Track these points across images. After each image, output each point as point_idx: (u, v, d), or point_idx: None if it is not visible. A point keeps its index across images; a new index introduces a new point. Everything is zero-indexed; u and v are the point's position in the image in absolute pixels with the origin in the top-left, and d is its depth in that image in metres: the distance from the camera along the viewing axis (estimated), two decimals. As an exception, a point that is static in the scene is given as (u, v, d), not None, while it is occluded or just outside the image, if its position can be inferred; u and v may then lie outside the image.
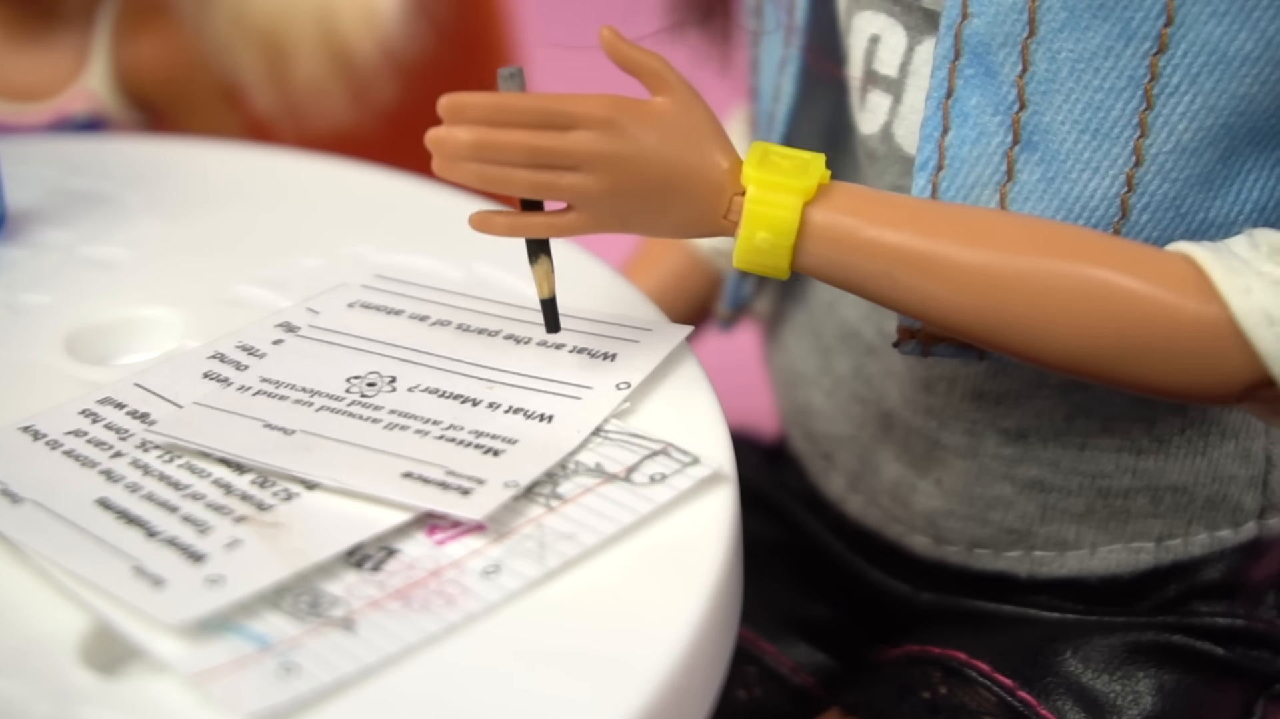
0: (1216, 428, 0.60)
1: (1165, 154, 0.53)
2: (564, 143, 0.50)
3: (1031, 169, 0.54)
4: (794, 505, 0.69)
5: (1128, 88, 0.53)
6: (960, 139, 0.55)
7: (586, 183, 0.50)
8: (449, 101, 0.50)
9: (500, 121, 0.50)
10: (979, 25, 0.54)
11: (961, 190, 0.55)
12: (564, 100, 0.50)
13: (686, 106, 0.52)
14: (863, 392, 0.64)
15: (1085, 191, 0.54)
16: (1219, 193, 0.54)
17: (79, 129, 0.84)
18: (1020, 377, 0.60)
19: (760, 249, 0.51)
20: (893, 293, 0.51)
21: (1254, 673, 0.62)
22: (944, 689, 0.60)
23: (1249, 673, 0.61)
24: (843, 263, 0.51)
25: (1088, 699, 0.59)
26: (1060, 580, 0.61)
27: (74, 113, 0.84)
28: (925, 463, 0.62)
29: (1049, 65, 0.53)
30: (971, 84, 0.54)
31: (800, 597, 0.68)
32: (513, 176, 0.50)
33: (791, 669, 0.66)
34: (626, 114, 0.50)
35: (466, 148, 0.50)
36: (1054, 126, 0.54)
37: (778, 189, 0.51)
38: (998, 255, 0.51)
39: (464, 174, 0.50)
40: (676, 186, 0.51)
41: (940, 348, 0.57)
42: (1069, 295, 0.50)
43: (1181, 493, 0.60)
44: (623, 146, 0.50)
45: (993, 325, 0.51)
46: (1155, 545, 0.61)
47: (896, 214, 0.51)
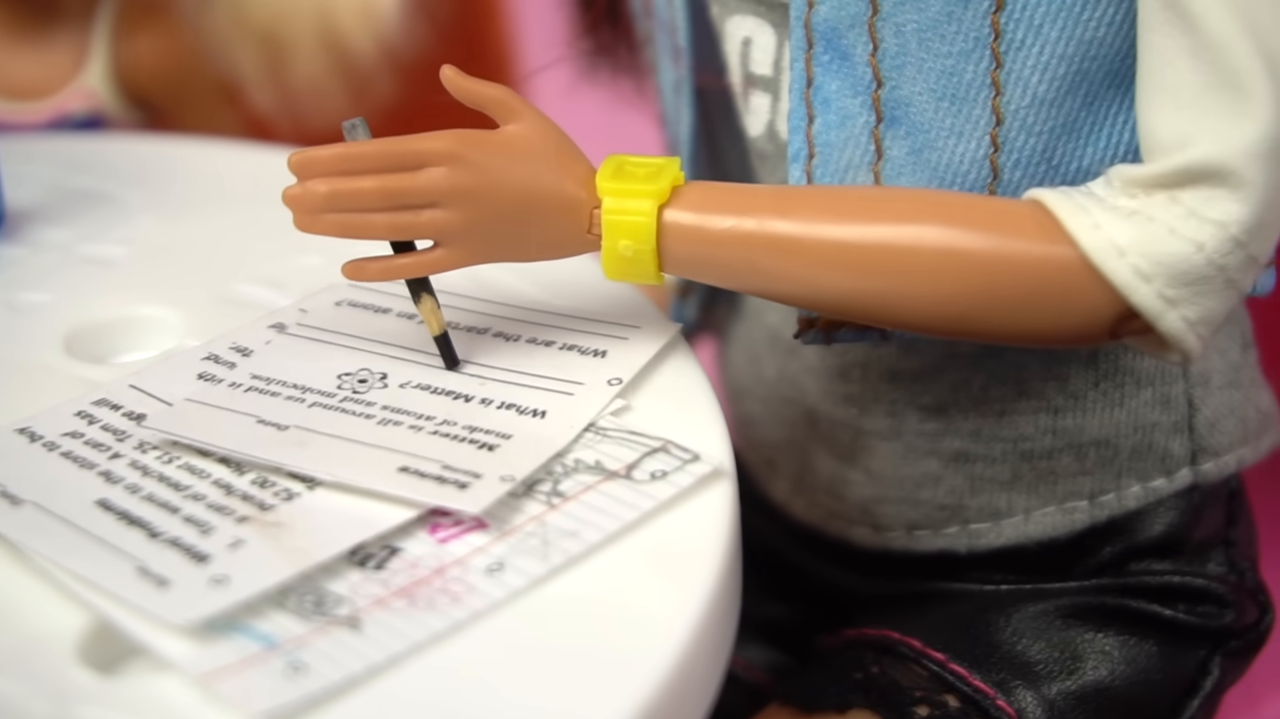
0: (1130, 377, 0.59)
1: (1024, 109, 0.53)
2: (415, 181, 0.51)
3: (899, 144, 0.55)
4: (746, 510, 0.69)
5: (975, 49, 0.53)
6: (826, 125, 0.55)
7: (445, 217, 0.51)
8: (299, 158, 0.52)
9: (351, 170, 0.51)
10: (825, 12, 0.54)
11: (835, 175, 0.55)
12: (410, 141, 0.51)
13: (537, 131, 0.52)
14: (789, 392, 0.64)
15: (954, 158, 0.54)
16: (1088, 140, 0.54)
17: (78, 127, 0.84)
18: (931, 352, 0.60)
19: (625, 257, 0.52)
20: (759, 280, 0.52)
21: (1203, 630, 0.61)
22: (876, 669, 0.60)
23: (1198, 631, 0.61)
24: (706, 258, 0.52)
25: (1022, 666, 0.59)
26: (1000, 551, 0.61)
27: (73, 111, 0.84)
28: (852, 453, 0.63)
29: (897, 39, 0.54)
30: (829, 70, 0.55)
31: (755, 596, 0.67)
32: (372, 221, 0.52)
33: (744, 667, 0.67)
34: (474, 146, 0.51)
35: (323, 200, 0.51)
36: (913, 98, 0.54)
37: (632, 195, 0.52)
38: (854, 227, 0.51)
39: (325, 226, 0.52)
40: (534, 209, 0.52)
41: (841, 333, 0.57)
42: (923, 258, 0.50)
43: (1105, 447, 0.60)
44: (474, 178, 0.51)
45: (862, 298, 0.51)
46: (1089, 503, 0.60)
47: (750, 201, 0.52)
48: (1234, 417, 0.61)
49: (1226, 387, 0.61)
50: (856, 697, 0.59)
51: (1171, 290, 0.49)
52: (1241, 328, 0.62)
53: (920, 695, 0.59)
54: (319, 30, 0.85)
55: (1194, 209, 0.49)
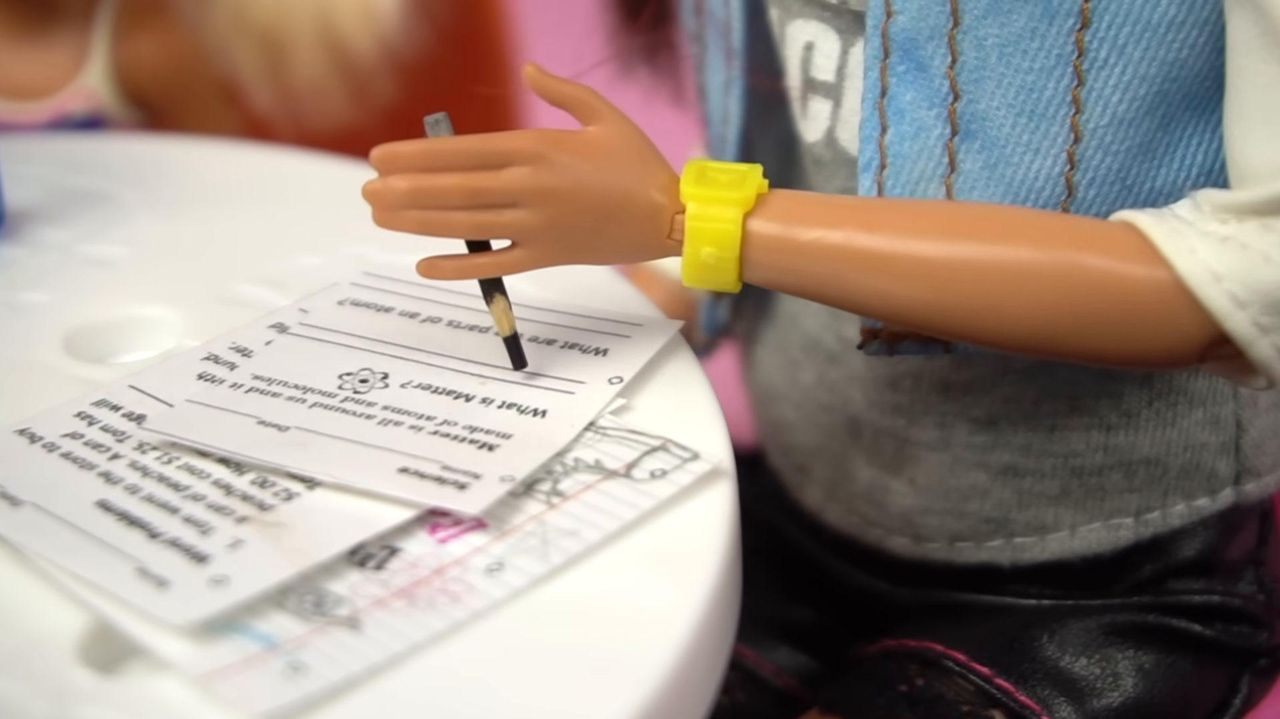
0: (1184, 397, 0.59)
1: (1103, 128, 0.53)
2: (499, 181, 0.51)
3: (973, 158, 0.54)
4: (773, 513, 0.69)
5: (1057, 66, 0.53)
6: (899, 136, 0.55)
7: (526, 218, 0.51)
8: (381, 153, 0.51)
9: (434, 167, 0.51)
10: (904, 22, 0.54)
11: (907, 186, 0.55)
12: (495, 139, 0.51)
13: (619, 133, 0.52)
14: (829, 400, 0.64)
15: (1029, 174, 0.54)
16: (1163, 161, 0.54)
17: (78, 127, 0.84)
18: (985, 365, 0.60)
19: (707, 264, 0.52)
20: (843, 293, 0.52)
21: (1236, 649, 0.61)
22: (921, 681, 0.60)
23: (1231, 650, 0.61)
24: (790, 268, 0.52)
25: (1066, 683, 0.59)
26: (1044, 565, 0.61)
27: (73, 111, 0.84)
28: (896, 463, 0.62)
29: (977, 53, 0.53)
30: (904, 80, 0.54)
31: (782, 601, 0.68)
32: (453, 219, 0.51)
33: (773, 673, 0.67)
34: (558, 146, 0.51)
35: (404, 196, 0.51)
36: (990, 113, 0.54)
37: (717, 203, 0.51)
38: (943, 244, 0.51)
39: (405, 222, 0.51)
40: (616, 212, 0.52)
41: (905, 345, 0.57)
42: (1017, 277, 0.50)
43: (1155, 465, 0.60)
44: (557, 179, 0.51)
45: (946, 315, 0.51)
46: (1134, 520, 0.60)
47: (837, 214, 0.52)
48: (1277, 438, 0.61)
49: (1272, 409, 0.61)
50: (903, 708, 0.59)
51: (1266, 318, 0.49)
52: None
53: (967, 710, 0.59)
54: (319, 30, 0.85)
55: None
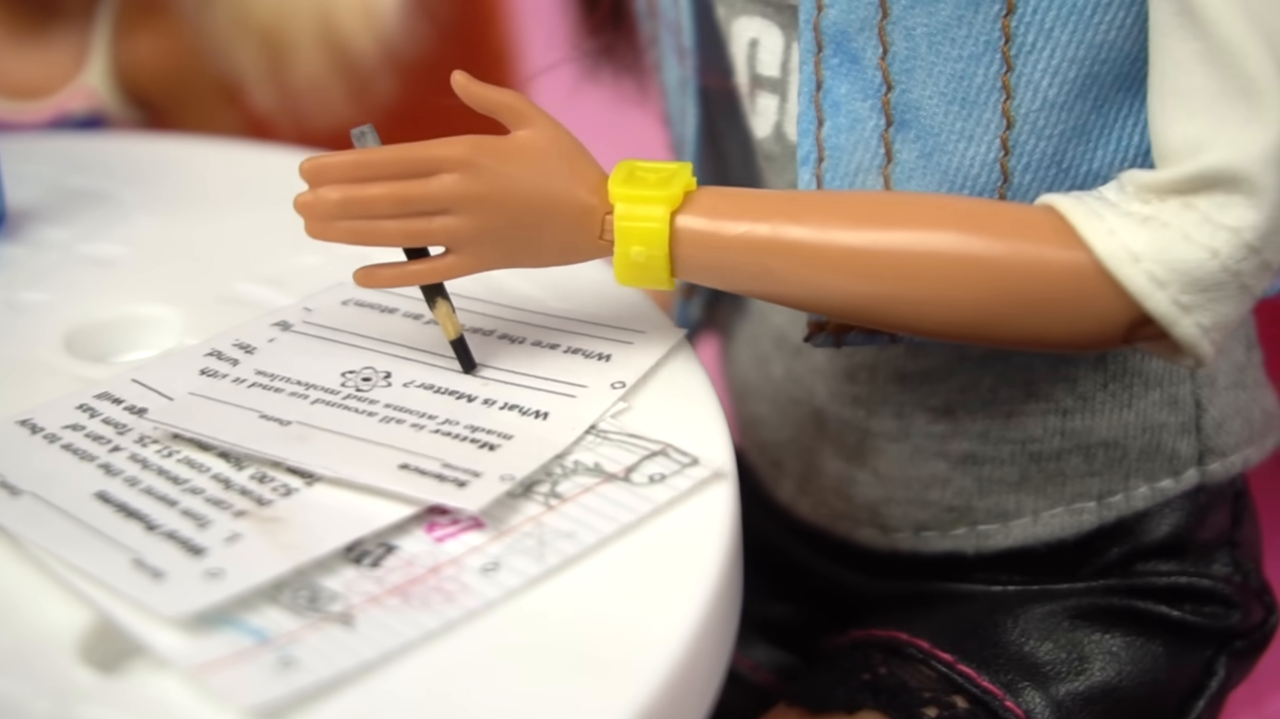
0: (1139, 378, 0.59)
1: (1034, 112, 0.54)
2: (428, 188, 0.51)
3: (909, 147, 0.55)
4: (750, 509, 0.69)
5: (985, 53, 0.53)
6: (835, 128, 0.55)
7: (457, 224, 0.51)
8: (311, 165, 0.52)
9: (363, 177, 0.51)
10: (835, 15, 0.54)
11: (845, 178, 0.55)
12: (422, 147, 0.51)
13: (548, 136, 0.52)
14: (796, 393, 0.64)
15: (964, 161, 0.54)
16: (1098, 143, 0.54)
17: (78, 126, 0.84)
18: (940, 354, 0.60)
19: (637, 263, 0.52)
20: (772, 285, 0.52)
21: (1209, 631, 0.61)
22: (884, 669, 0.60)
23: (1203, 631, 0.61)
24: (719, 263, 0.52)
25: (1030, 667, 0.59)
26: (1008, 552, 0.61)
27: (73, 110, 0.84)
28: (860, 454, 0.62)
29: (907, 43, 0.54)
30: (838, 73, 0.55)
31: (759, 597, 0.67)
32: (384, 228, 0.52)
33: (751, 668, 0.67)
34: (486, 152, 0.51)
35: (335, 207, 0.51)
36: (923, 102, 0.54)
37: (644, 201, 0.52)
38: (866, 233, 0.51)
39: (337, 233, 0.52)
40: (546, 215, 0.52)
41: (851, 336, 0.57)
42: (937, 264, 0.51)
43: (1114, 448, 0.60)
44: (486, 184, 0.51)
45: (870, 304, 0.52)
46: (1097, 504, 0.60)
47: (764, 207, 0.52)
48: (1240, 417, 0.61)
49: (1232, 387, 0.61)
50: (865, 697, 0.59)
51: (1186, 297, 0.49)
52: (1246, 329, 0.62)
53: (929, 697, 0.59)
54: (319, 30, 0.85)
55: (1208, 215, 0.49)
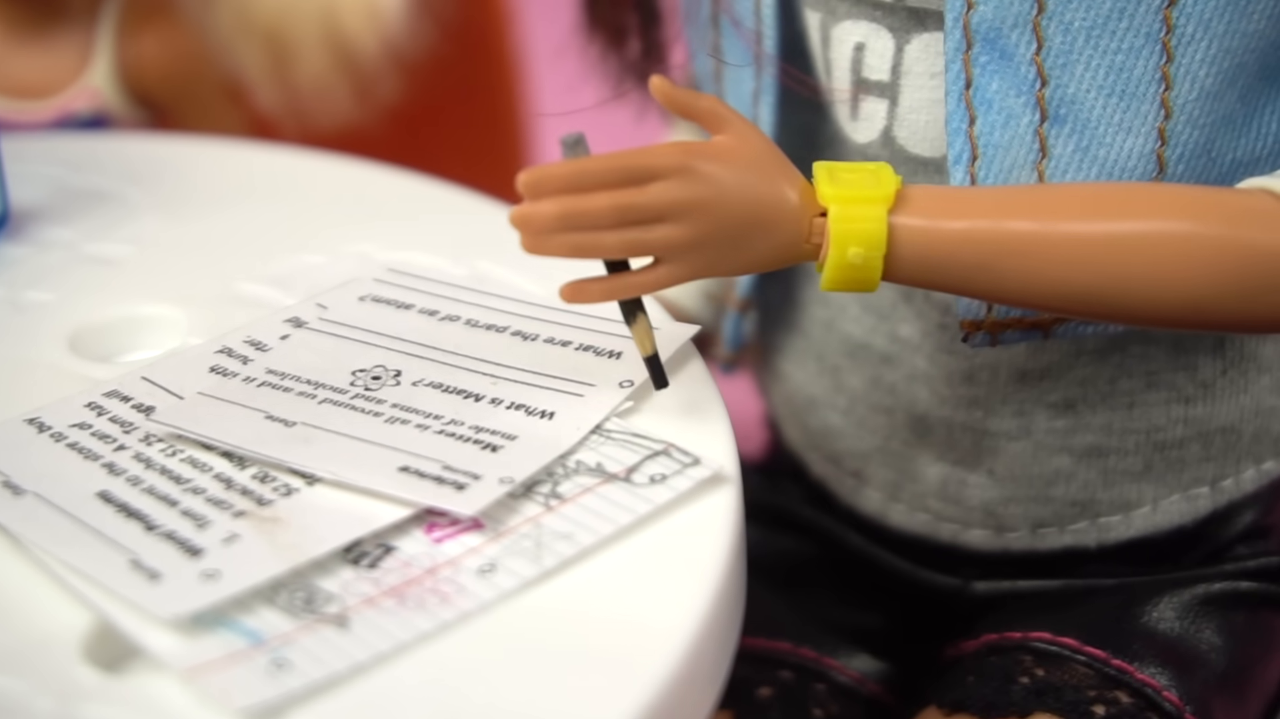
0: (1254, 364, 0.61)
1: (1191, 102, 0.54)
2: (647, 197, 0.50)
3: (1064, 142, 0.55)
4: (825, 521, 0.69)
5: (1146, 44, 0.53)
6: (989, 126, 0.55)
7: (675, 232, 0.50)
8: (528, 178, 0.50)
9: (581, 188, 0.50)
10: (986, 12, 0.54)
11: (999, 175, 0.55)
12: (637, 155, 0.50)
13: (749, 140, 0.52)
14: (886, 402, 0.64)
15: (1121, 153, 0.55)
16: (1242, 131, 0.55)
17: (83, 126, 0.84)
18: (1059, 349, 0.60)
19: (853, 265, 0.51)
20: (991, 282, 0.52)
21: None
22: (1040, 671, 0.60)
23: None
24: (936, 262, 0.51)
25: (1175, 655, 0.60)
26: (1128, 542, 0.62)
27: (78, 110, 0.84)
28: (974, 456, 0.62)
29: (1064, 37, 0.54)
30: (989, 70, 0.55)
31: (847, 608, 0.68)
32: (603, 240, 0.50)
33: (859, 681, 0.66)
34: (698, 157, 0.50)
35: (554, 220, 0.50)
36: (1079, 96, 0.54)
37: (859, 202, 0.51)
38: (1096, 223, 0.51)
39: (554, 247, 0.50)
40: (759, 219, 0.51)
41: (1008, 334, 0.57)
42: (1174, 251, 0.51)
43: (1230, 433, 0.61)
44: (703, 190, 0.50)
45: (1100, 293, 0.51)
46: (1210, 489, 0.62)
47: (979, 204, 0.52)
48: None
49: None
50: (1033, 700, 0.59)
51: None
52: None
53: (1094, 694, 0.59)
54: (323, 30, 0.85)
55: None
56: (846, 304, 0.64)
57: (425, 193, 0.69)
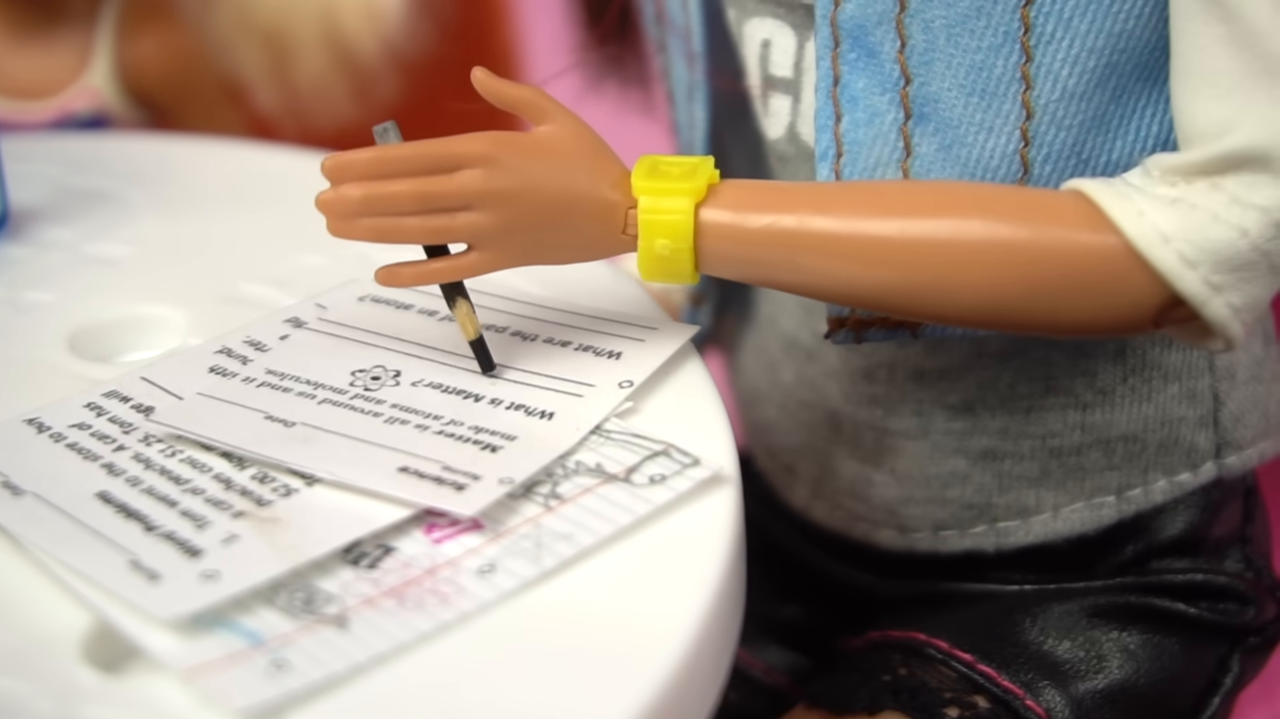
0: (1158, 372, 0.60)
1: (1054, 103, 0.54)
2: (451, 184, 0.51)
3: (928, 140, 0.55)
4: (761, 514, 0.69)
5: (1004, 44, 0.53)
6: (854, 123, 0.55)
7: (480, 220, 0.51)
8: (333, 162, 0.51)
9: (385, 174, 0.51)
10: (852, 9, 0.54)
11: (864, 173, 0.55)
12: (445, 143, 0.51)
13: (570, 131, 0.52)
14: (809, 397, 0.64)
15: (984, 153, 0.54)
16: (1117, 133, 0.54)
17: (82, 127, 0.84)
18: (958, 350, 0.60)
19: (661, 256, 0.52)
20: (799, 277, 0.52)
21: (1224, 627, 0.61)
22: (904, 670, 0.60)
23: (1218, 628, 0.61)
24: (744, 256, 0.52)
25: (1049, 666, 0.59)
26: (1028, 549, 0.61)
27: (77, 110, 0.84)
28: (877, 454, 0.62)
29: (925, 35, 0.54)
30: (855, 68, 0.55)
31: (769, 599, 0.68)
32: (407, 225, 0.51)
33: (764, 671, 0.67)
34: (509, 147, 0.51)
35: (357, 204, 0.51)
36: (942, 94, 0.54)
37: (668, 194, 0.52)
38: (895, 222, 0.51)
39: (359, 231, 0.51)
40: (570, 210, 0.52)
41: (871, 332, 0.57)
42: (970, 251, 0.50)
43: (1133, 441, 0.60)
44: (509, 180, 0.51)
45: (901, 293, 0.51)
46: (1116, 498, 0.60)
47: (788, 199, 0.52)
48: (1257, 410, 0.61)
49: (1250, 381, 0.61)
50: (886, 698, 0.59)
51: (1217, 277, 0.50)
52: (1264, 324, 0.62)
53: (950, 697, 0.59)
54: (323, 30, 0.85)
55: (1237, 195, 0.50)
56: (785, 299, 0.64)
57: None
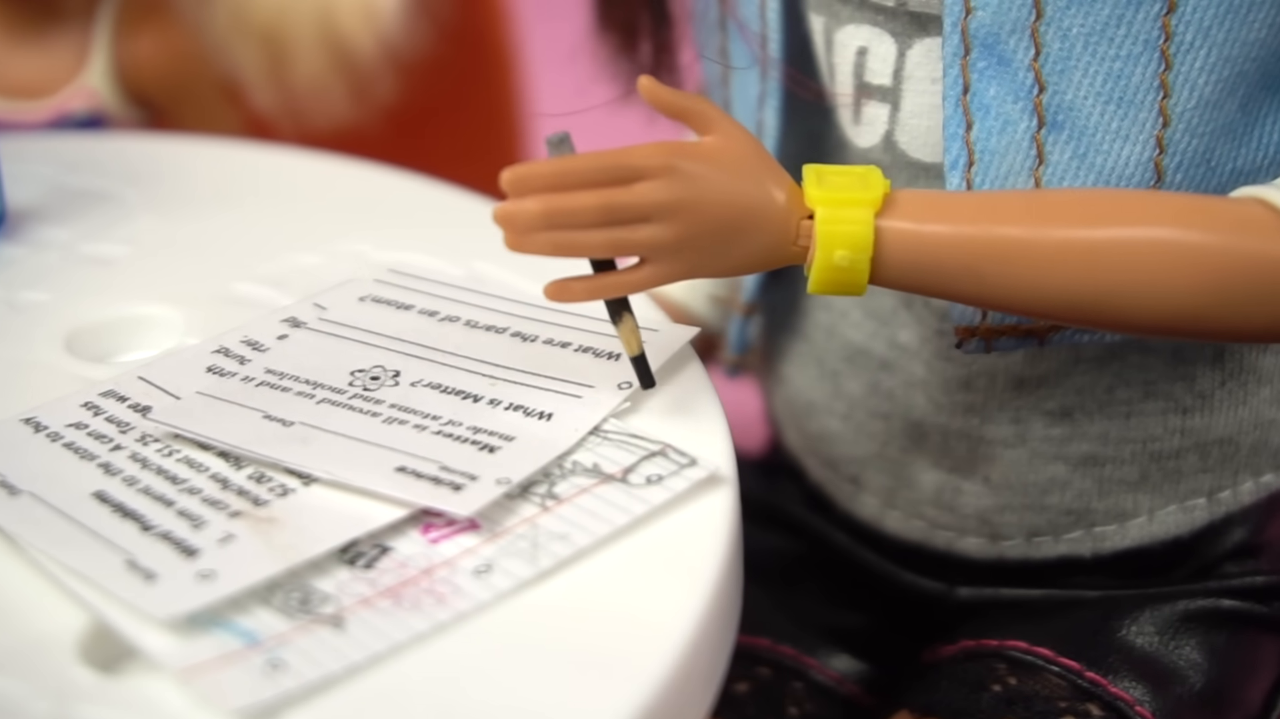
0: (1254, 376, 0.61)
1: (1190, 110, 0.54)
2: (632, 196, 0.50)
3: (1061, 148, 0.55)
4: (820, 525, 0.69)
5: (1144, 52, 0.53)
6: (986, 131, 0.55)
7: (660, 232, 0.50)
8: (512, 175, 0.50)
9: (565, 186, 0.50)
10: (984, 17, 0.54)
11: (996, 181, 0.55)
12: (623, 154, 0.50)
13: (736, 141, 0.52)
14: (884, 407, 0.64)
15: (1119, 161, 0.55)
16: (1243, 141, 0.55)
17: (79, 126, 0.84)
18: (1057, 357, 0.60)
19: (839, 267, 0.51)
20: (977, 286, 0.52)
21: None
22: (1013, 680, 0.60)
23: None
24: (923, 265, 0.51)
25: (1151, 671, 0.60)
26: (1124, 553, 0.62)
27: (74, 110, 0.84)
28: (969, 463, 0.62)
29: (1062, 44, 0.54)
30: (986, 76, 0.55)
31: (832, 608, 0.68)
32: (587, 239, 0.50)
33: (837, 680, 0.66)
34: (685, 158, 0.50)
35: (538, 218, 0.50)
36: (1077, 103, 0.54)
37: (847, 205, 0.51)
38: (1079, 229, 0.51)
39: (538, 245, 0.50)
40: (745, 221, 0.51)
41: (1002, 341, 0.57)
42: (1158, 258, 0.51)
43: (1228, 444, 0.61)
44: (689, 191, 0.50)
45: (1085, 300, 0.51)
46: (1207, 500, 0.61)
47: (966, 209, 0.52)
48: None
49: None
50: (1003, 709, 0.59)
51: None
52: None
53: (1065, 706, 0.59)
54: (320, 29, 0.85)
55: None
56: (848, 309, 0.64)
57: (422, 193, 0.69)
